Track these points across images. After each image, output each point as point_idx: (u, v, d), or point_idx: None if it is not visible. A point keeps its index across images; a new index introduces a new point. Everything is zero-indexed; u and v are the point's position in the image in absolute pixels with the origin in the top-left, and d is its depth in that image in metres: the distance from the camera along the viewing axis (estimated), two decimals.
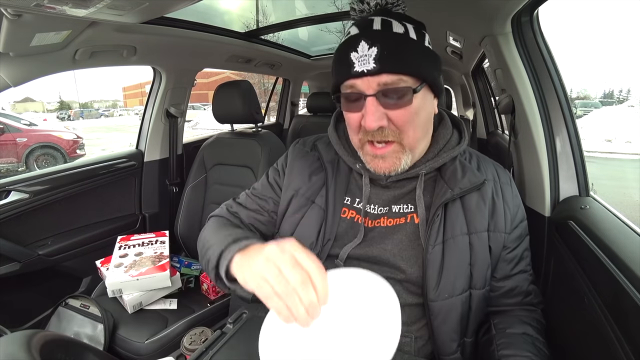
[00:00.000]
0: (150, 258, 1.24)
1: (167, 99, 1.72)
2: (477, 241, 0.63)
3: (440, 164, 0.66)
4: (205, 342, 0.62)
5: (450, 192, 0.63)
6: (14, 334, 0.54)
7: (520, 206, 0.70)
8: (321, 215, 0.69)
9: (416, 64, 0.56)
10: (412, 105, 0.57)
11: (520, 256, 0.68)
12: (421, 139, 0.64)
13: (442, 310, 0.62)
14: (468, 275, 0.63)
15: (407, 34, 0.56)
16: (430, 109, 0.63)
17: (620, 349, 0.52)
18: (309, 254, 0.45)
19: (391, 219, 0.67)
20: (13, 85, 1.06)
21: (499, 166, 0.72)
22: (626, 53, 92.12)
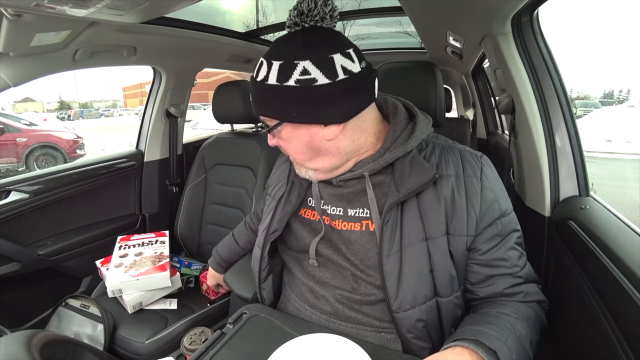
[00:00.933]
0: (150, 258, 1.24)
1: (167, 99, 1.72)
2: (434, 247, 0.59)
3: (383, 164, 0.63)
4: (205, 342, 0.62)
5: (396, 195, 0.60)
6: (14, 334, 0.54)
7: (496, 200, 0.62)
8: (273, 207, 0.75)
9: (269, 108, 0.61)
10: (281, 137, 0.64)
11: (499, 258, 0.61)
12: (309, 159, 0.65)
13: (405, 320, 0.60)
14: (430, 284, 0.60)
15: (265, 80, 0.59)
16: (305, 140, 0.61)
17: (620, 349, 0.52)
18: None
19: (346, 223, 0.67)
20: (13, 85, 1.06)
21: (471, 155, 0.65)
22: (626, 53, 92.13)
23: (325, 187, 0.71)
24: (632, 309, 0.50)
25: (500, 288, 0.62)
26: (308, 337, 0.59)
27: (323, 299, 0.70)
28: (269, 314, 0.68)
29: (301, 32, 0.59)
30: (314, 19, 0.59)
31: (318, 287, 0.71)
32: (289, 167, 0.78)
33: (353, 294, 0.67)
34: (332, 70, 0.56)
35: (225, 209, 1.51)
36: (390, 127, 0.66)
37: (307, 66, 0.56)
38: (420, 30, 1.65)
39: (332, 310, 0.68)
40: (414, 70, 0.93)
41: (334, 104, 0.58)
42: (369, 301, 0.65)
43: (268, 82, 0.58)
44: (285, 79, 0.57)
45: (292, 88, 0.57)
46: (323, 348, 0.57)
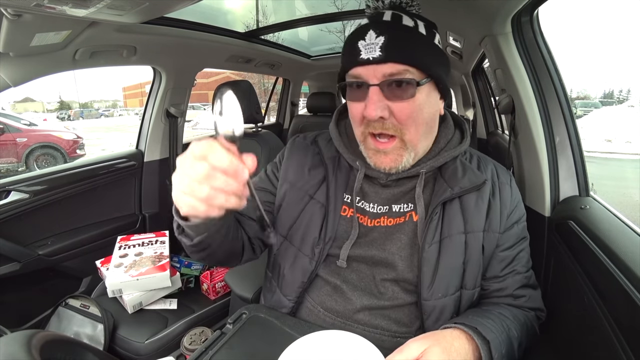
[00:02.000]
0: (150, 258, 1.24)
1: (167, 99, 1.72)
2: (472, 240, 0.63)
3: (440, 163, 0.66)
4: (205, 342, 0.62)
5: (450, 191, 0.63)
6: (14, 334, 0.54)
7: (519, 207, 0.69)
8: (322, 212, 0.68)
9: (423, 57, 0.57)
10: (415, 99, 0.57)
11: (513, 257, 0.66)
12: (423, 136, 0.63)
13: (435, 309, 0.61)
14: (461, 275, 0.63)
15: (416, 28, 0.57)
16: (434, 108, 0.62)
17: (620, 349, 0.52)
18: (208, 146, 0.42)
19: (391, 219, 0.66)
20: (13, 85, 1.06)
21: (500, 166, 0.72)
22: (626, 53, 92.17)
23: (371, 186, 0.68)
24: (632, 309, 0.50)
25: (509, 287, 0.66)
26: (320, 334, 0.58)
27: (345, 300, 0.66)
28: (269, 314, 0.68)
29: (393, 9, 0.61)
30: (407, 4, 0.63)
31: (345, 287, 0.67)
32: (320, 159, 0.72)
33: (379, 300, 0.65)
34: (444, 49, 0.63)
35: None
36: (442, 129, 0.69)
37: (438, 37, 0.62)
38: None
39: (348, 313, 0.66)
40: None
41: (449, 77, 0.62)
42: (394, 305, 0.65)
43: (420, 31, 0.57)
44: (433, 37, 0.59)
45: (438, 48, 0.59)
46: (336, 345, 0.57)
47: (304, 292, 0.70)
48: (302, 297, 0.70)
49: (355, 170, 0.69)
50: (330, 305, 0.67)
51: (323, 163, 0.72)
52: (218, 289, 1.32)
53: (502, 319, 0.60)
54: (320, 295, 0.69)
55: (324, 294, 0.68)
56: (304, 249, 0.68)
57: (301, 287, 0.69)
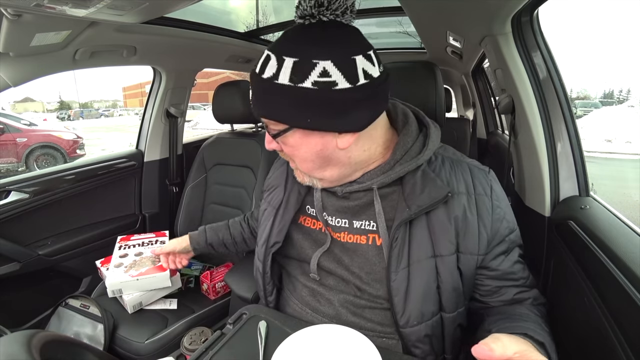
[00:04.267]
0: (150, 258, 1.24)
1: (167, 99, 1.72)
2: (442, 265, 0.58)
3: (393, 178, 0.60)
4: (205, 343, 0.62)
5: (407, 212, 0.58)
6: (14, 334, 0.54)
7: (505, 218, 0.62)
8: (271, 219, 0.72)
9: (276, 110, 0.54)
10: (286, 143, 0.58)
11: (507, 271, 0.62)
12: (320, 168, 0.60)
13: (412, 335, 0.60)
14: (437, 300, 0.59)
15: (274, 78, 0.52)
16: (317, 148, 0.56)
17: (620, 349, 0.52)
18: None
19: (352, 235, 0.65)
20: (13, 85, 1.06)
21: (480, 171, 0.63)
22: (626, 53, 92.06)
23: (329, 198, 0.67)
24: (632, 309, 0.50)
25: (510, 295, 0.63)
26: (317, 327, 0.59)
27: (326, 302, 0.69)
28: (269, 314, 0.68)
29: (319, 26, 0.52)
30: (335, 12, 0.52)
31: (322, 290, 0.69)
32: (286, 170, 0.74)
33: (357, 299, 0.66)
34: (354, 74, 0.51)
35: (225, 209, 1.51)
36: (401, 137, 0.62)
37: (327, 67, 0.50)
38: (420, 30, 1.65)
39: (334, 314, 0.67)
40: (414, 70, 0.93)
41: (352, 111, 0.52)
42: (373, 306, 0.65)
43: (278, 81, 0.51)
44: (300, 80, 0.50)
45: (308, 90, 0.50)
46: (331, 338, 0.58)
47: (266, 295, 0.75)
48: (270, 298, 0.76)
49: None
50: (315, 306, 0.70)
51: (287, 175, 0.74)
52: (218, 289, 1.32)
53: (531, 317, 0.58)
54: (304, 297, 0.72)
55: (307, 295, 0.71)
56: (258, 252, 0.75)
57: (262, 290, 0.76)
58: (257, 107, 0.56)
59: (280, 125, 0.55)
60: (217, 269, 1.38)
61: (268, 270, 0.73)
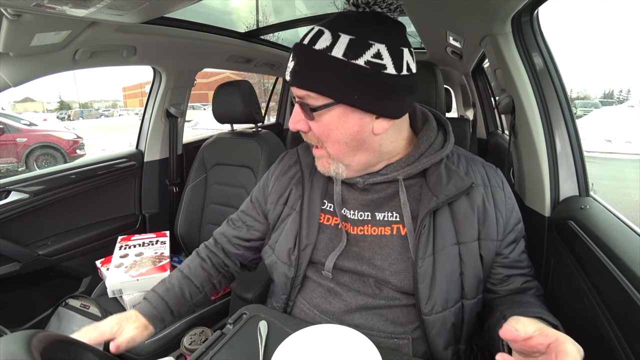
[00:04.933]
0: (150, 258, 1.24)
1: (167, 99, 1.72)
2: (466, 251, 0.61)
3: (420, 169, 0.63)
4: (205, 343, 0.62)
5: (435, 201, 0.60)
6: (14, 334, 0.54)
7: (514, 209, 0.66)
8: (297, 220, 0.69)
9: (325, 83, 0.54)
10: (321, 120, 0.58)
11: (517, 260, 0.66)
12: (350, 153, 0.61)
13: (436, 323, 0.61)
14: (460, 286, 0.61)
15: (327, 50, 0.53)
16: (353, 129, 0.57)
17: (620, 349, 0.52)
18: None
19: (375, 227, 0.65)
20: (13, 85, 1.06)
21: (490, 167, 0.69)
22: (626, 53, 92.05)
23: (350, 192, 0.67)
24: (632, 309, 0.50)
25: (518, 284, 0.66)
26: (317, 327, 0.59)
27: (340, 301, 0.66)
28: (269, 314, 0.68)
29: (376, 15, 0.56)
30: (389, 6, 0.56)
31: (339, 288, 0.67)
32: (300, 170, 0.74)
33: (375, 299, 0.64)
34: (400, 63, 0.55)
35: (225, 209, 1.51)
36: (424, 132, 0.66)
37: (381, 50, 0.53)
38: (420, 30, 1.65)
39: (343, 315, 0.66)
40: None
41: (394, 97, 0.56)
42: (391, 305, 0.64)
43: (331, 53, 0.53)
44: (354, 56, 0.52)
45: (360, 68, 0.53)
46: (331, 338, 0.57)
47: (289, 299, 0.72)
48: (291, 302, 0.72)
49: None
50: (325, 307, 0.67)
51: (301, 171, 0.73)
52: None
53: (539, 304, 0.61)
54: (314, 298, 0.69)
55: (318, 296, 0.69)
56: (281, 257, 0.71)
57: (285, 294, 0.71)
58: (302, 78, 0.56)
59: (324, 99, 0.55)
60: None
61: (301, 273, 0.69)
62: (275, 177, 0.78)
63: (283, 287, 0.71)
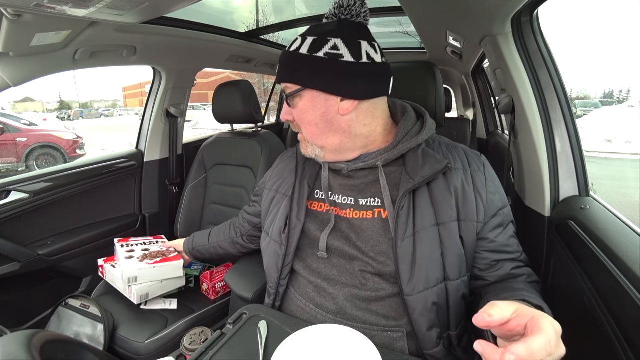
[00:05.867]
0: (159, 252, 1.23)
1: (167, 99, 1.72)
2: (445, 232, 0.63)
3: (397, 154, 0.68)
4: (205, 343, 0.62)
5: (411, 182, 0.64)
6: (14, 334, 0.54)
7: (499, 193, 0.68)
8: (289, 204, 0.76)
9: (295, 73, 0.67)
10: (298, 107, 0.68)
11: (504, 244, 0.67)
12: (323, 134, 0.68)
13: (419, 303, 0.62)
14: (441, 267, 0.63)
15: (297, 50, 0.66)
16: (321, 110, 0.66)
17: (620, 349, 0.52)
18: None
19: (358, 211, 0.69)
20: (13, 85, 1.06)
21: (473, 153, 0.72)
22: (626, 53, 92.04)
23: (336, 178, 0.74)
24: (632, 309, 0.50)
25: (507, 270, 0.66)
26: (317, 327, 0.60)
27: (329, 297, 0.70)
28: (269, 314, 0.68)
29: (339, 20, 0.67)
30: (351, 13, 0.67)
31: (325, 285, 0.71)
32: (295, 160, 0.81)
33: (362, 291, 0.67)
34: (358, 53, 0.64)
35: (225, 209, 1.51)
36: (402, 122, 0.71)
37: (337, 43, 0.64)
38: (420, 30, 1.65)
39: (337, 309, 0.68)
40: (414, 70, 0.93)
41: (353, 81, 0.64)
42: (379, 297, 0.66)
43: (300, 51, 0.65)
44: (315, 51, 0.64)
45: (320, 59, 0.64)
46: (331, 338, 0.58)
47: (280, 279, 0.76)
48: (281, 289, 0.77)
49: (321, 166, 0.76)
50: (321, 302, 0.71)
51: (296, 162, 0.81)
52: (218, 289, 1.32)
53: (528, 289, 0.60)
54: (309, 293, 0.73)
55: (312, 292, 0.72)
56: (274, 236, 0.77)
57: (277, 273, 0.76)
58: (281, 74, 0.69)
59: (295, 86, 0.67)
60: (217, 269, 1.38)
61: (292, 251, 0.74)
62: (274, 167, 0.89)
63: (274, 267, 0.77)
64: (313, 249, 0.73)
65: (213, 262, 1.47)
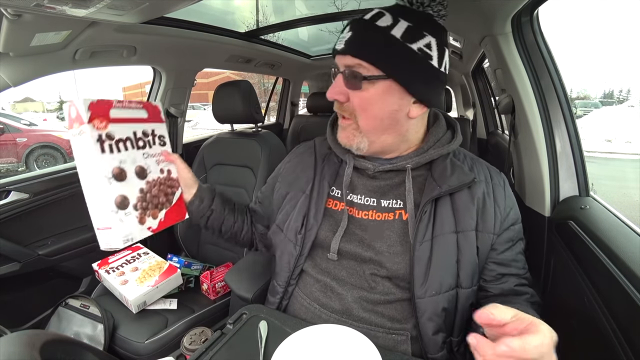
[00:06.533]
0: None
1: (167, 99, 1.72)
2: (464, 240, 0.63)
3: (427, 159, 0.67)
4: (205, 342, 0.62)
5: (438, 189, 0.64)
6: (14, 334, 0.54)
7: (514, 209, 0.68)
8: (307, 203, 0.73)
9: (381, 56, 0.59)
10: (366, 92, 0.61)
11: (512, 259, 0.67)
12: (379, 130, 0.65)
13: (428, 307, 0.62)
14: (455, 273, 0.63)
15: (388, 29, 0.59)
16: (392, 107, 0.62)
17: (620, 349, 0.52)
18: None
19: (380, 213, 0.68)
20: (13, 85, 1.06)
21: (494, 169, 0.72)
22: (626, 53, 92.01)
23: (359, 178, 0.72)
24: (632, 309, 0.50)
25: (511, 285, 0.66)
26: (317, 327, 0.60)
27: (337, 297, 0.69)
28: (269, 314, 0.68)
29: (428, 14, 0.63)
30: (439, 12, 0.64)
31: (334, 284, 0.69)
32: (313, 156, 0.79)
33: (370, 293, 0.66)
34: (442, 59, 0.62)
35: None
36: (433, 128, 0.71)
37: (431, 42, 0.60)
38: None
39: (343, 309, 0.68)
40: None
41: (432, 87, 0.63)
42: (387, 300, 0.66)
43: (392, 32, 0.58)
44: (410, 41, 0.59)
45: (414, 53, 0.59)
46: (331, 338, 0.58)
47: (291, 279, 0.74)
48: (290, 288, 0.75)
49: (345, 163, 0.73)
50: (326, 301, 0.70)
51: (314, 158, 0.78)
52: (218, 289, 1.32)
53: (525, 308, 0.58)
54: (313, 292, 0.72)
55: (317, 291, 0.72)
56: (289, 235, 0.75)
57: (288, 272, 0.74)
58: (359, 48, 0.60)
59: (376, 70, 0.60)
60: (217, 269, 1.38)
61: (305, 253, 0.72)
62: (288, 160, 0.86)
63: (286, 266, 0.74)
64: (324, 249, 0.71)
65: (213, 262, 1.47)
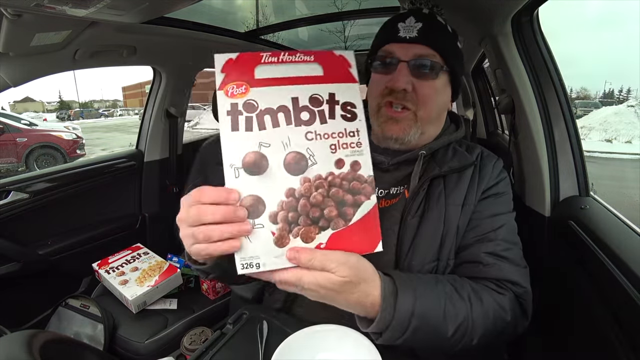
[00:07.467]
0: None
1: (167, 99, 1.72)
2: (451, 214, 0.65)
3: (438, 146, 0.71)
4: (205, 343, 0.62)
5: (437, 169, 0.67)
6: (14, 334, 0.54)
7: (502, 183, 0.69)
8: None
9: (449, 50, 0.66)
10: (436, 82, 0.65)
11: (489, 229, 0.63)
12: (433, 120, 0.69)
13: None
14: (438, 247, 0.64)
15: (446, 26, 0.67)
16: (446, 99, 0.69)
17: (620, 348, 0.52)
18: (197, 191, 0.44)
19: (388, 201, 0.70)
20: (13, 85, 1.06)
21: (487, 152, 0.74)
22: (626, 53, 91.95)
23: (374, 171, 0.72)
24: (632, 309, 0.50)
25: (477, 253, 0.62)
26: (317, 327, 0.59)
27: None
28: (269, 314, 0.68)
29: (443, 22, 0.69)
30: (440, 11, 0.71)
31: None
32: None
33: None
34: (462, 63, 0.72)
35: None
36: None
37: (459, 43, 0.70)
38: None
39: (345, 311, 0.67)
40: None
41: (459, 84, 0.71)
42: None
43: (449, 29, 0.68)
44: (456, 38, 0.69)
45: (460, 50, 0.68)
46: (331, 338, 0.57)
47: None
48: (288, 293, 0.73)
49: None
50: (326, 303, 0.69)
51: None
52: (218, 289, 1.32)
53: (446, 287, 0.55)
54: None
55: None
56: None
57: None
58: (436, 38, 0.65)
59: (442, 62, 0.66)
60: None
61: None
62: None
63: None
64: None
65: None
